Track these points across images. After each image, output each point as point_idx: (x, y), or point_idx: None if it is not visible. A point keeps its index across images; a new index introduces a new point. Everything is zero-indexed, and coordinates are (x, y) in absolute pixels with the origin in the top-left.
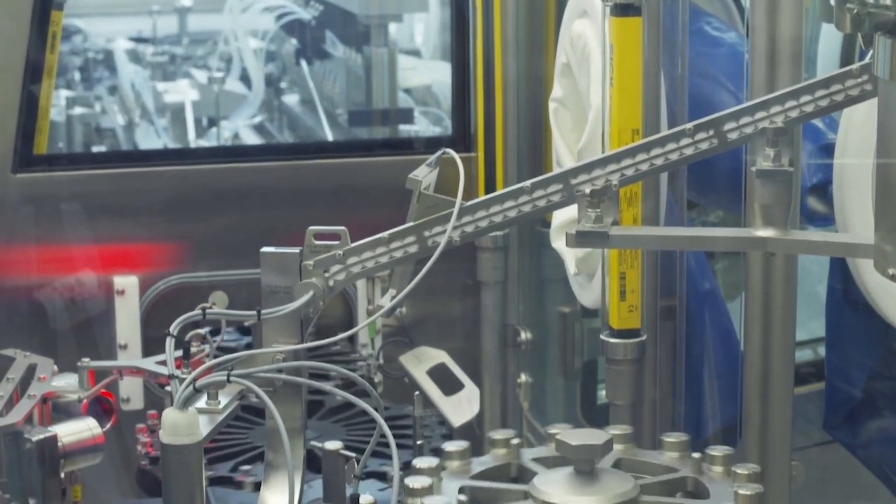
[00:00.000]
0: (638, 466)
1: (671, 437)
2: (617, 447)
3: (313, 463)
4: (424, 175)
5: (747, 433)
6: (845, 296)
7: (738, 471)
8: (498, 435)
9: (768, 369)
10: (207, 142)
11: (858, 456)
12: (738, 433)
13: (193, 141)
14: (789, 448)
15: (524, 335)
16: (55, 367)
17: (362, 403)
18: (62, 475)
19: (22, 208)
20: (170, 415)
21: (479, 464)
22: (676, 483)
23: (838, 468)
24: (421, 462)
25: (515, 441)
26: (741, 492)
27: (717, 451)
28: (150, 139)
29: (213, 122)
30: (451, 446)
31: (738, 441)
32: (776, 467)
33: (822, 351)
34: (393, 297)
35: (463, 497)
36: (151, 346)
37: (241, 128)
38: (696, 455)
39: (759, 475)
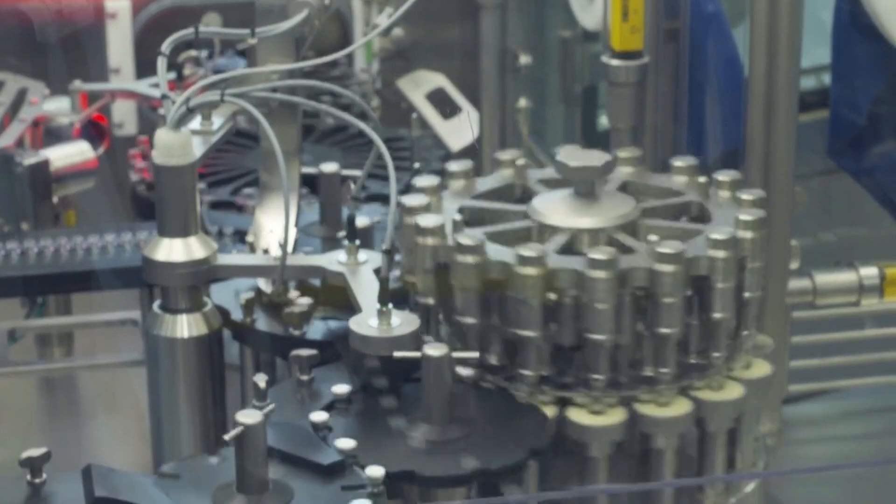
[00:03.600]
0: (644, 190)
1: (679, 161)
2: (625, 170)
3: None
4: None
5: (750, 159)
6: (852, 19)
7: (743, 196)
8: (504, 155)
9: (772, 95)
10: None
11: (862, 182)
12: (739, 159)
13: None
14: (792, 173)
15: (523, 59)
16: (46, 91)
17: (358, 122)
18: (55, 200)
19: None
20: (162, 135)
21: (483, 184)
22: (680, 207)
23: (841, 196)
24: (421, 181)
25: (521, 162)
26: (742, 217)
27: (725, 175)
28: None
29: None
30: (454, 166)
31: (739, 168)
32: (779, 193)
33: (826, 79)
34: (391, 15)
35: (458, 217)
36: (144, 71)
37: None
38: (702, 179)
39: (763, 200)
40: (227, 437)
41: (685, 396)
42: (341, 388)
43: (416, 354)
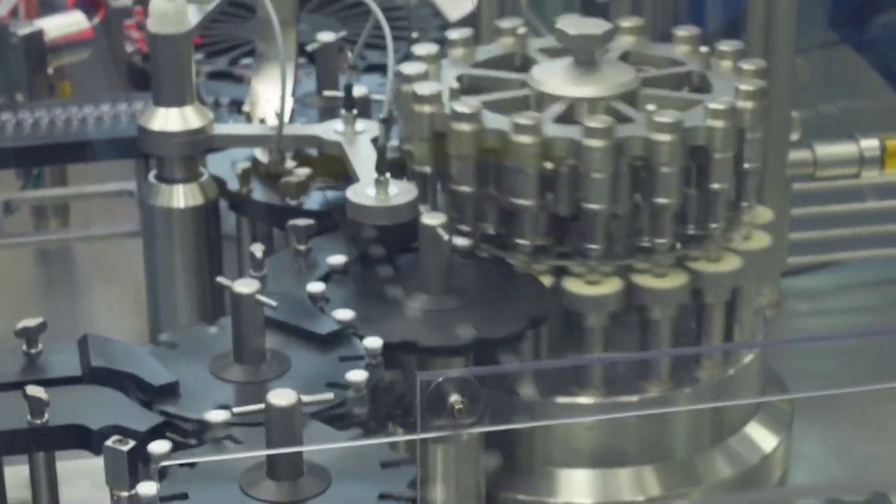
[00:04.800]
0: (644, 60)
1: (681, 31)
2: (626, 40)
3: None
4: None
5: (751, 29)
6: None
7: (745, 66)
8: (505, 23)
9: None
10: None
11: (864, 54)
12: (741, 30)
13: None
14: (793, 44)
15: None
16: None
17: None
18: (49, 70)
19: None
20: (158, 3)
21: (484, 52)
22: (681, 77)
23: (843, 68)
24: (420, 49)
25: (521, 31)
26: (743, 87)
27: (726, 45)
28: None
29: None
30: (454, 34)
31: (741, 38)
32: (780, 64)
33: None
34: None
35: (456, 84)
36: None
37: None
38: (703, 49)
39: (765, 71)
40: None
41: (682, 268)
42: (338, 259)
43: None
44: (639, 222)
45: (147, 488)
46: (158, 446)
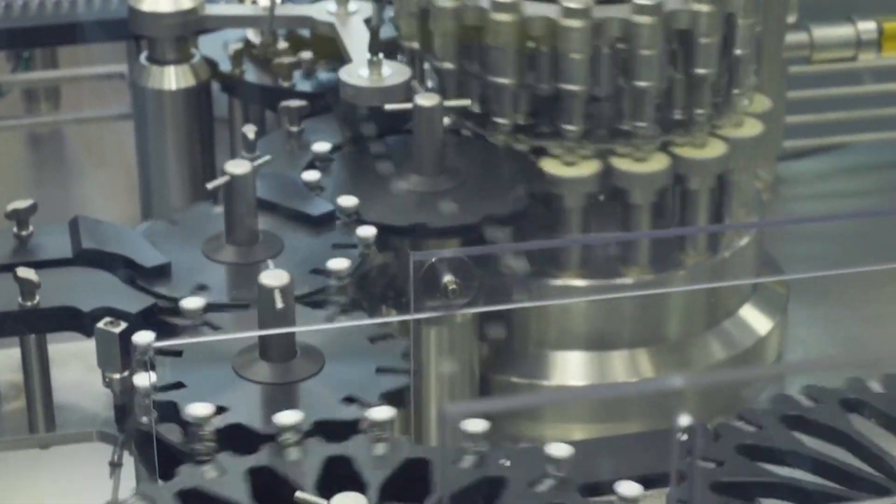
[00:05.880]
0: None
1: None
2: None
3: None
4: None
5: None
6: None
7: None
8: None
9: None
10: None
11: None
12: None
13: None
14: None
15: None
16: None
17: None
18: None
19: None
20: None
21: None
22: None
23: None
24: None
25: None
26: None
27: None
28: None
29: None
30: None
31: None
32: None
33: None
34: None
35: None
36: None
37: None
38: None
39: None
40: (210, 185)
41: (665, 153)
42: (324, 147)
43: (408, 105)
44: (620, 106)
45: (141, 379)
46: (142, 337)
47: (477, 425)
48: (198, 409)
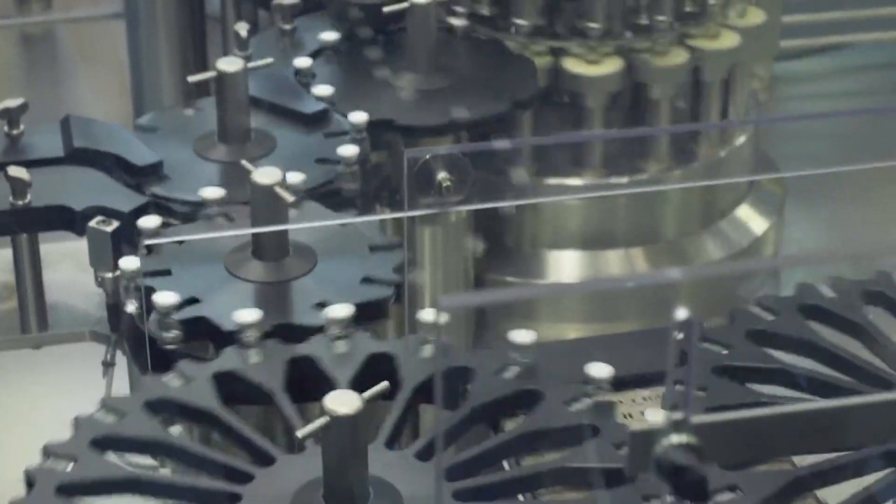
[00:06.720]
0: None
1: None
2: None
3: None
4: None
5: None
6: None
7: None
8: None
9: None
10: None
11: None
12: None
13: None
14: None
15: None
16: None
17: None
18: None
19: None
20: None
21: None
22: None
23: None
24: None
25: None
26: None
27: None
28: None
29: None
30: None
31: None
32: None
33: None
34: None
35: None
36: None
37: None
38: None
39: None
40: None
41: (682, 46)
42: (326, 36)
43: (405, 5)
44: (638, 1)
45: (129, 262)
46: (148, 221)
47: (525, 336)
48: (164, 298)
